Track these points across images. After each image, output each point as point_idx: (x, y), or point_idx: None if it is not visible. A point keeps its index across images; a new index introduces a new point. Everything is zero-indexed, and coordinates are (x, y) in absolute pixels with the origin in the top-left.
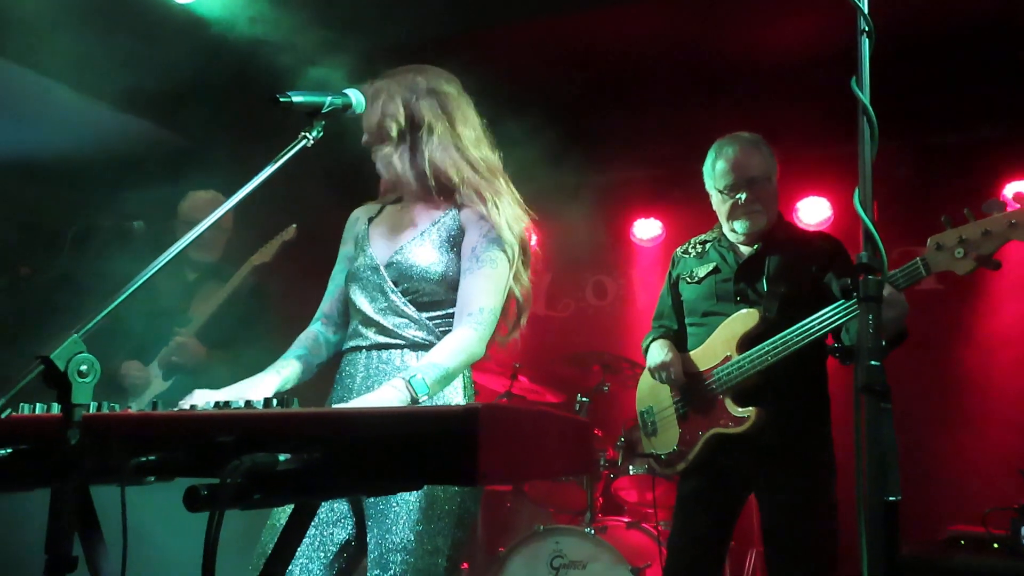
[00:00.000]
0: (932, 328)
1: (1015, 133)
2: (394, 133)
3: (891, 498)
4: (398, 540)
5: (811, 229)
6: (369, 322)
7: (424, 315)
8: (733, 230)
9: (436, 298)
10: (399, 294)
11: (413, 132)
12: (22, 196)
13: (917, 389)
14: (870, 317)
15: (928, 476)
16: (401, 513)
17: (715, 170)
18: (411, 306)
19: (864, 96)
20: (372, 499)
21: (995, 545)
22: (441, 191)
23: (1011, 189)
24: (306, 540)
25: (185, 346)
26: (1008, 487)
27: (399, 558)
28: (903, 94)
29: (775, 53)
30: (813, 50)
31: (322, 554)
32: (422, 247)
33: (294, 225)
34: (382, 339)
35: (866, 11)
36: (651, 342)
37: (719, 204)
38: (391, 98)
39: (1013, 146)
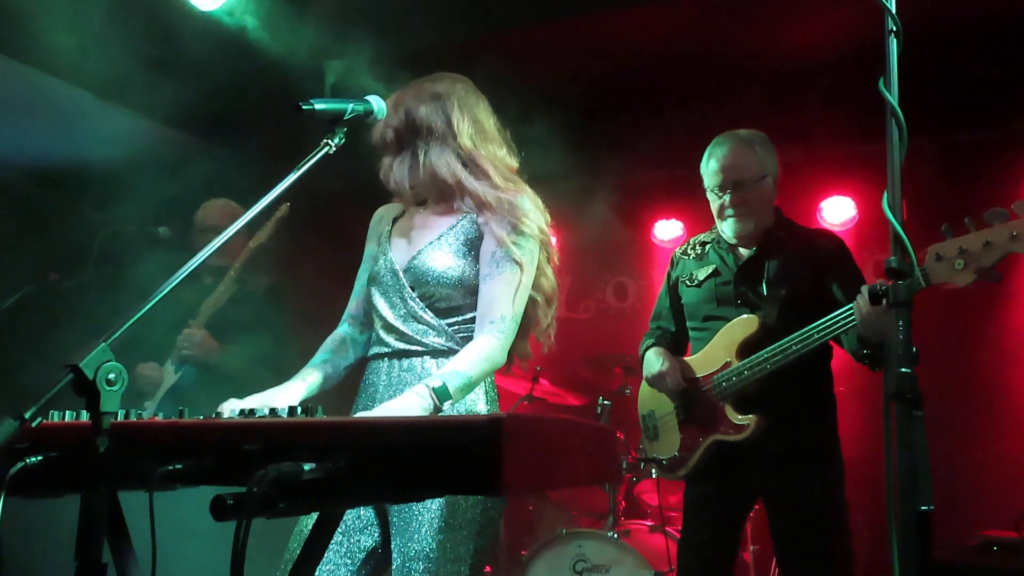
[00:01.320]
0: (961, 329)
1: None
2: (390, 139)
3: (923, 508)
4: (420, 548)
5: (813, 227)
6: (390, 328)
7: (444, 321)
8: (723, 231)
9: (453, 303)
10: (417, 300)
11: (413, 139)
12: (49, 203)
13: (947, 392)
14: (900, 323)
15: (959, 481)
16: (424, 522)
17: (707, 168)
18: (429, 312)
19: (892, 98)
20: (396, 507)
21: None
22: (444, 196)
23: None
24: (333, 547)
25: (193, 336)
26: None
27: (421, 567)
28: (927, 89)
29: (798, 51)
30: (836, 48)
31: (349, 561)
32: (439, 251)
33: (287, 203)
34: (403, 346)
35: (893, 10)
36: (647, 349)
37: (711, 203)
38: (395, 109)
39: None
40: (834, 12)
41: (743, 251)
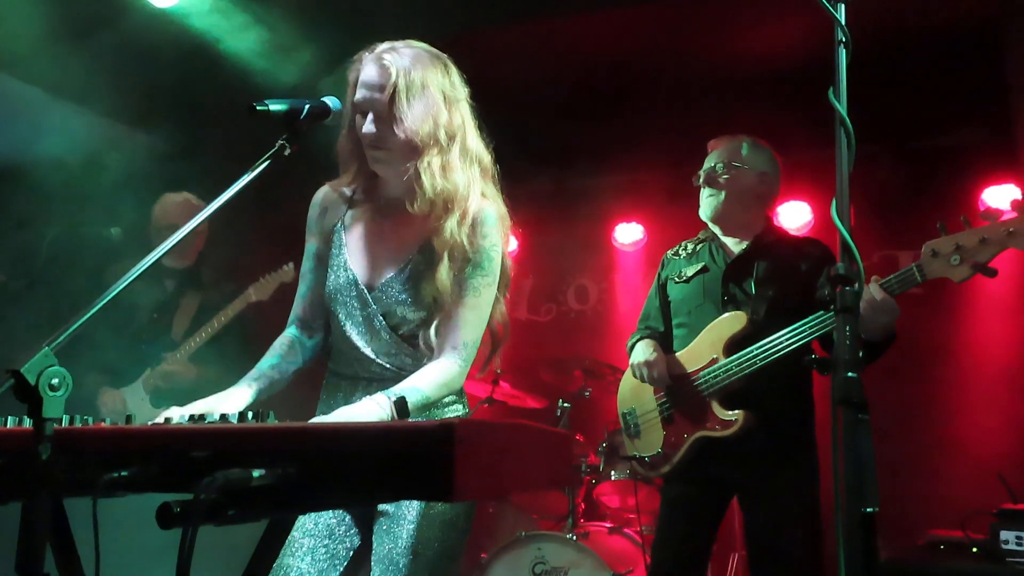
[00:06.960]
0: (911, 331)
1: (994, 137)
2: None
3: (868, 509)
4: (405, 543)
5: (800, 235)
6: (359, 355)
7: (410, 346)
8: (701, 214)
9: (422, 328)
10: (389, 330)
11: (448, 142)
12: None
13: (896, 393)
14: (847, 329)
15: (907, 481)
16: (400, 520)
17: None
18: (403, 343)
19: (841, 107)
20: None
21: (974, 549)
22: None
23: (989, 193)
24: (319, 549)
25: (174, 374)
26: (987, 491)
27: (403, 561)
28: (883, 96)
29: (755, 58)
30: (793, 55)
31: (337, 563)
32: (410, 278)
33: (292, 264)
34: (369, 373)
35: (843, 22)
36: (636, 341)
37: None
38: (431, 97)
39: (992, 150)
40: (790, 19)
41: (734, 249)
